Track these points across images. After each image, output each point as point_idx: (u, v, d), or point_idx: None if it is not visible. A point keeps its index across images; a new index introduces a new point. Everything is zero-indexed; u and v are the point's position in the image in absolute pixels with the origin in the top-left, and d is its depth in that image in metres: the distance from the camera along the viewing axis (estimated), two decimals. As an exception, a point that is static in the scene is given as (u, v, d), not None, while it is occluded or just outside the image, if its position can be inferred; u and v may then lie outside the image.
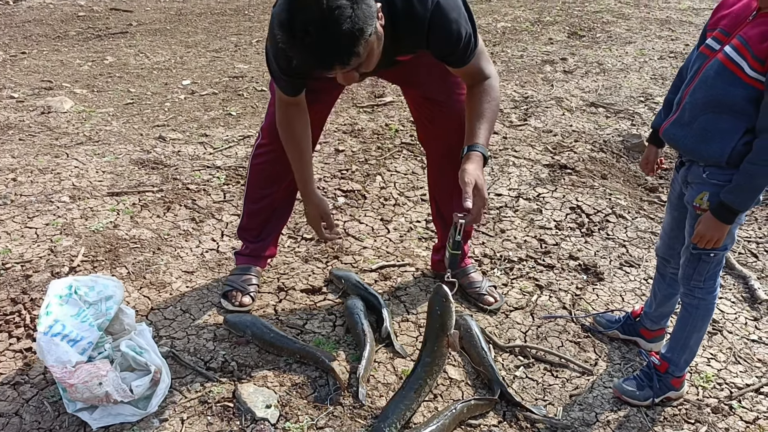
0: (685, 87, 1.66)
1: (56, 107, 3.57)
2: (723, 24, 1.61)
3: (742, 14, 1.58)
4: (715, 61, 1.57)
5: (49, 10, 5.71)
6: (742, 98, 1.54)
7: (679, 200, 1.75)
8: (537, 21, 5.67)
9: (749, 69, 1.50)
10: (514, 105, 3.90)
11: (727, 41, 1.56)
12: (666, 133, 1.71)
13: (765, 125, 1.51)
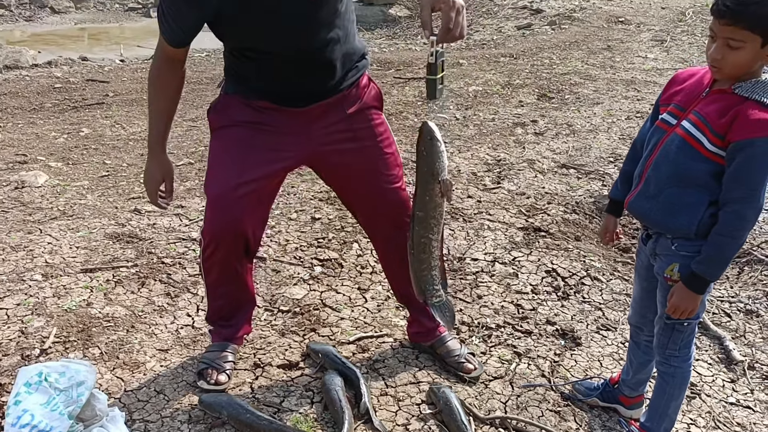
0: (646, 160, 1.71)
1: (30, 181, 3.56)
2: (677, 100, 1.67)
3: (695, 90, 1.65)
4: (674, 136, 1.62)
5: (25, 82, 5.75)
6: (704, 172, 1.59)
7: (648, 271, 1.78)
8: (507, 84, 5.82)
9: (709, 144, 1.56)
10: (487, 168, 3.97)
11: (683, 116, 1.62)
12: (631, 206, 1.75)
13: (728, 198, 1.56)
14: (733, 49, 1.52)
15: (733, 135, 1.52)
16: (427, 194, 1.63)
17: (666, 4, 9.45)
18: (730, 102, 1.56)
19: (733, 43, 1.52)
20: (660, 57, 6.69)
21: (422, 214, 1.65)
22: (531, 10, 9.43)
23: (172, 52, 1.84)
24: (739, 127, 1.52)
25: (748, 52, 1.52)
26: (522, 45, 7.56)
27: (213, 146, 1.95)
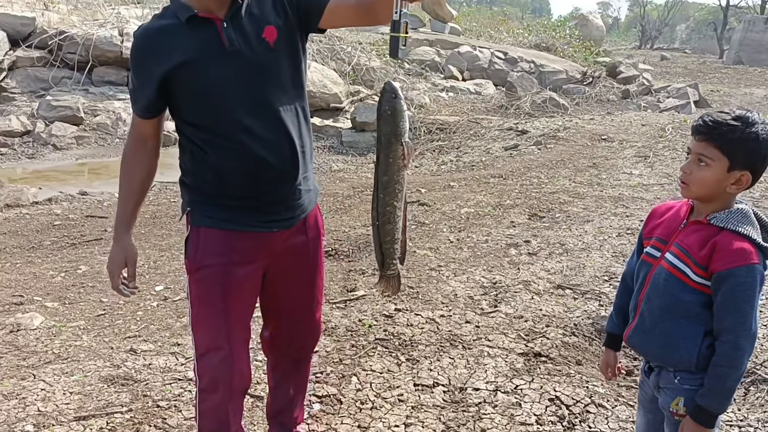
0: (638, 294, 1.75)
1: (26, 324, 3.54)
2: (657, 233, 1.74)
3: (674, 222, 1.72)
4: (660, 269, 1.67)
5: (25, 220, 5.85)
6: (694, 303, 1.62)
7: (653, 403, 1.76)
8: (498, 205, 5.95)
9: (694, 275, 1.61)
10: (483, 291, 3.98)
11: (666, 249, 1.67)
12: (630, 341, 1.77)
13: (721, 328, 1.59)
14: (701, 165, 1.62)
15: (715, 266, 1.59)
16: (391, 156, 1.65)
17: (646, 121, 9.84)
18: (707, 233, 1.63)
19: (703, 158, 1.61)
20: (645, 173, 6.88)
21: (386, 179, 1.67)
22: (517, 131, 9.79)
23: (141, 127, 1.97)
24: (719, 258, 1.58)
25: (715, 171, 1.60)
26: (510, 165, 7.80)
27: (193, 292, 2.01)
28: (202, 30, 1.83)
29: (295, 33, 1.94)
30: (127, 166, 2.01)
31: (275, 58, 1.89)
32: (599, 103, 13.35)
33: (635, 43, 40.61)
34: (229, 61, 1.83)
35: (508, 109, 12.05)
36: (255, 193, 1.93)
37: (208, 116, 1.88)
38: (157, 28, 1.87)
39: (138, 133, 1.99)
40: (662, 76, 20.35)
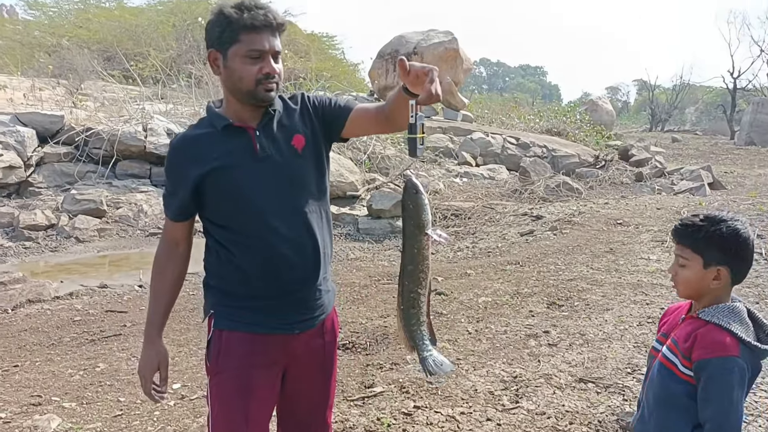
0: (643, 386, 1.88)
1: (43, 427, 3.52)
2: (664, 329, 1.87)
3: (676, 318, 1.92)
4: (657, 362, 1.84)
5: (46, 316, 5.90)
6: (682, 394, 1.79)
7: None
8: (516, 293, 5.92)
9: (682, 366, 1.79)
10: (504, 386, 3.92)
11: (665, 342, 1.87)
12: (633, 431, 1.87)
13: (704, 417, 1.70)
14: (681, 266, 1.81)
15: (694, 355, 1.72)
16: (416, 247, 1.77)
17: (661, 204, 9.88)
18: (695, 326, 1.78)
19: (681, 260, 1.81)
20: (662, 258, 6.85)
21: (412, 267, 1.78)
22: (532, 216, 9.85)
23: (173, 230, 2.07)
24: (698, 348, 1.72)
25: (694, 270, 1.78)
26: (526, 251, 7.80)
27: (213, 394, 2.04)
28: (237, 137, 1.98)
29: (320, 141, 2.09)
30: (159, 269, 2.10)
31: (303, 164, 2.03)
32: (613, 186, 13.44)
33: (645, 126, 41.19)
34: (260, 166, 1.97)
35: (522, 193, 12.18)
36: (279, 293, 2.00)
37: (237, 217, 1.98)
38: (194, 135, 2.03)
39: (170, 237, 2.10)
40: (674, 158, 20.53)
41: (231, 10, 1.90)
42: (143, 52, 18.75)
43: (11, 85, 15.85)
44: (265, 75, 1.91)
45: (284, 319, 2.03)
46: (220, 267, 2.05)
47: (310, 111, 2.09)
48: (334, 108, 2.10)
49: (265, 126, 1.99)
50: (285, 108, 2.07)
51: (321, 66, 21.69)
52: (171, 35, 21.29)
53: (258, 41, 1.90)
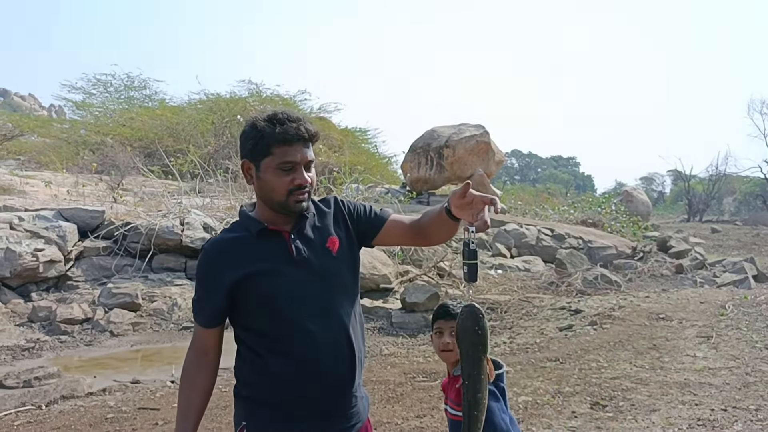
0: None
1: None
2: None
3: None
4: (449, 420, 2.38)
5: (79, 413, 5.85)
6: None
7: None
8: (557, 392, 5.71)
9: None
10: (548, 495, 3.71)
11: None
12: None
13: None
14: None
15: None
16: (482, 373, 1.84)
17: (704, 298, 9.60)
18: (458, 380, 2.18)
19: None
20: (709, 355, 6.59)
21: (480, 395, 1.84)
22: (570, 311, 9.64)
23: (204, 337, 2.02)
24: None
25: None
26: (566, 347, 7.58)
27: None
28: (272, 241, 1.98)
29: (354, 244, 2.10)
30: (188, 381, 2.04)
31: (338, 265, 2.03)
32: (653, 278, 13.17)
33: (683, 216, 40.73)
34: (296, 268, 1.96)
35: (559, 286, 11.98)
36: (313, 400, 1.94)
37: (272, 323, 1.95)
38: (229, 239, 2.02)
39: (200, 344, 2.05)
40: (715, 249, 20.15)
41: (264, 124, 1.93)
42: (183, 148, 19.44)
43: (56, 181, 16.50)
44: (297, 186, 1.93)
45: (320, 429, 1.96)
46: (253, 375, 2.00)
47: (345, 215, 2.10)
48: (370, 216, 2.12)
49: (300, 229, 2.00)
50: (317, 211, 2.08)
51: (354, 160, 22.16)
52: (210, 132, 22.11)
53: (290, 154, 1.92)
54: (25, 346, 9.19)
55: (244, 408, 2.02)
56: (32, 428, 5.48)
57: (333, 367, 1.95)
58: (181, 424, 2.02)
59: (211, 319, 2.01)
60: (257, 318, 1.97)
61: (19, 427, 5.58)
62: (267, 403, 1.96)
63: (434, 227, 1.99)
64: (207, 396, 2.06)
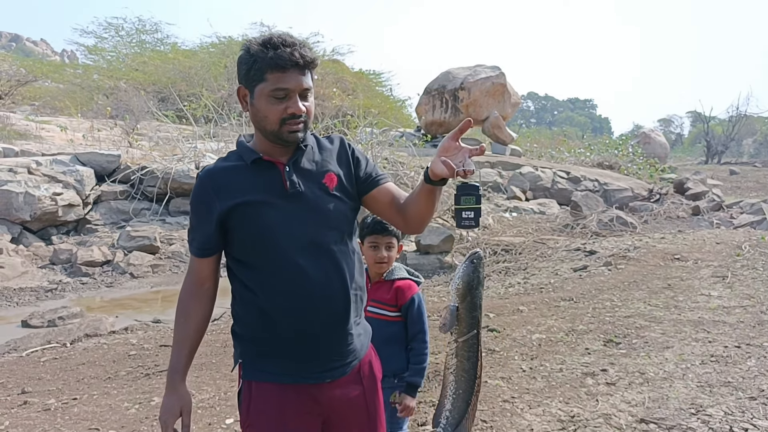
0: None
1: (100, 460, 3.56)
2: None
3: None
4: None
5: (102, 350, 6.01)
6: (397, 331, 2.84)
7: None
8: (571, 330, 5.77)
9: (391, 313, 2.86)
10: (561, 426, 3.79)
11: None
12: None
13: (413, 332, 2.83)
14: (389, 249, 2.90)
15: (400, 301, 2.89)
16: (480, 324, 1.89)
17: (720, 239, 9.57)
18: (388, 285, 2.91)
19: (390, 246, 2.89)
20: (724, 294, 6.61)
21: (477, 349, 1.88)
22: (585, 252, 9.66)
23: (198, 267, 1.98)
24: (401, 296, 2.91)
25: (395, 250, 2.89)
26: (580, 287, 7.63)
27: None
28: (266, 172, 1.91)
29: (353, 185, 2.02)
30: (183, 310, 1.99)
31: (333, 202, 1.94)
32: (668, 220, 13.11)
33: (701, 158, 40.22)
34: (288, 202, 1.88)
35: (573, 228, 11.97)
36: (305, 338, 1.90)
37: (262, 255, 1.88)
38: (222, 168, 1.95)
39: (195, 275, 2.00)
40: (732, 191, 19.96)
41: (258, 48, 1.83)
42: (196, 93, 19.35)
43: (71, 126, 16.55)
44: (291, 115, 1.84)
45: (313, 367, 1.93)
46: (244, 311, 1.95)
47: (349, 156, 2.03)
48: (368, 172, 2.04)
49: (296, 161, 1.93)
50: (319, 145, 2.02)
51: (368, 103, 21.99)
52: (222, 76, 21.95)
53: (284, 80, 1.82)
54: (48, 288, 9.41)
55: (240, 345, 1.98)
56: (58, 364, 5.65)
57: (322, 304, 1.89)
58: (176, 353, 1.99)
59: (203, 248, 1.95)
60: (246, 250, 1.91)
61: (45, 363, 5.76)
62: (257, 340, 1.93)
63: (413, 200, 1.90)
64: (202, 326, 2.02)
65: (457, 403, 1.87)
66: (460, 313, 1.88)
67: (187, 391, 1.98)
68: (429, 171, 1.81)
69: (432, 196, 1.87)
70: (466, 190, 1.78)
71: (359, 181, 2.02)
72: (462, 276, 1.90)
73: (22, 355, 6.14)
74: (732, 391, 4.12)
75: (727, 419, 3.71)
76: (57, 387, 5.04)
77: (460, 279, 1.90)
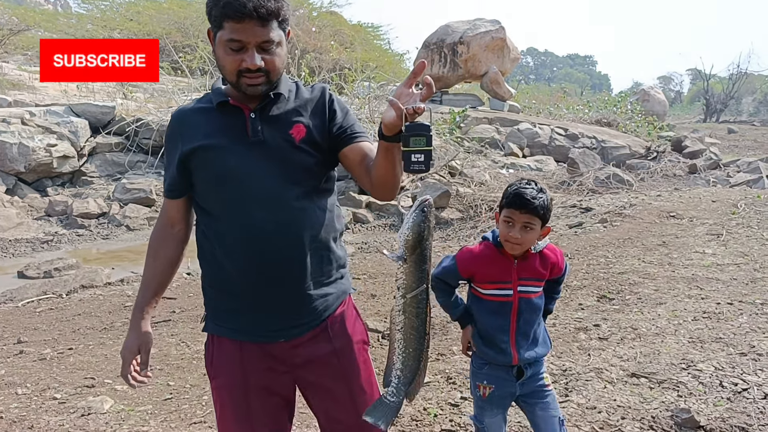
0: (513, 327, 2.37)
1: (96, 408, 3.60)
2: (495, 277, 2.36)
3: (501, 266, 2.36)
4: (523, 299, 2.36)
5: (98, 301, 6.04)
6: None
7: None
8: (565, 285, 5.79)
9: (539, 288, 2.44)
10: (553, 379, 3.83)
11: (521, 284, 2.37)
12: None
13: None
14: (528, 230, 2.29)
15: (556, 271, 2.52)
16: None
17: (716, 197, 9.57)
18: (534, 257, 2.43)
19: (529, 226, 2.28)
20: (718, 252, 6.63)
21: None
22: (581, 208, 9.67)
23: (169, 208, 1.95)
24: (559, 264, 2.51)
25: (537, 232, 2.31)
26: (575, 244, 7.65)
27: (215, 399, 1.95)
28: (230, 116, 1.82)
29: (325, 139, 1.89)
30: (152, 250, 1.97)
31: (298, 155, 1.83)
32: (665, 178, 13.10)
33: (699, 117, 40.02)
34: (249, 150, 1.80)
35: (570, 185, 11.97)
36: (257, 295, 1.83)
37: (217, 203, 1.83)
38: (191, 109, 1.90)
39: (166, 216, 1.96)
40: (730, 149, 19.92)
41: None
42: (191, 44, 19.02)
43: (66, 76, 16.25)
44: (246, 69, 1.73)
45: (266, 325, 1.86)
46: (203, 262, 1.89)
47: (326, 107, 1.89)
48: (344, 128, 1.89)
49: (263, 109, 1.82)
50: (297, 94, 1.90)
51: (366, 56, 21.66)
52: (219, 27, 21.50)
53: (238, 32, 1.69)
54: (43, 239, 9.41)
55: (204, 297, 1.94)
56: (54, 314, 5.68)
57: (275, 261, 1.80)
58: (141, 292, 1.95)
59: (170, 189, 1.91)
60: (205, 196, 1.85)
61: (41, 314, 5.79)
62: (215, 293, 1.89)
63: (375, 161, 1.77)
64: (170, 268, 1.97)
65: (408, 361, 1.74)
66: (408, 266, 1.70)
67: (149, 330, 1.95)
68: (381, 123, 1.65)
69: (390, 156, 1.69)
70: (415, 130, 1.58)
71: (332, 135, 1.88)
72: (412, 226, 1.69)
73: (18, 305, 6.17)
74: (723, 347, 4.16)
75: (717, 374, 3.75)
76: (53, 337, 5.08)
77: (409, 229, 1.69)
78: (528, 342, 2.38)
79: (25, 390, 3.98)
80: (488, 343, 2.39)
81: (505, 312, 2.34)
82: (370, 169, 1.81)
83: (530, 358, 2.38)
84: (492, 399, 2.41)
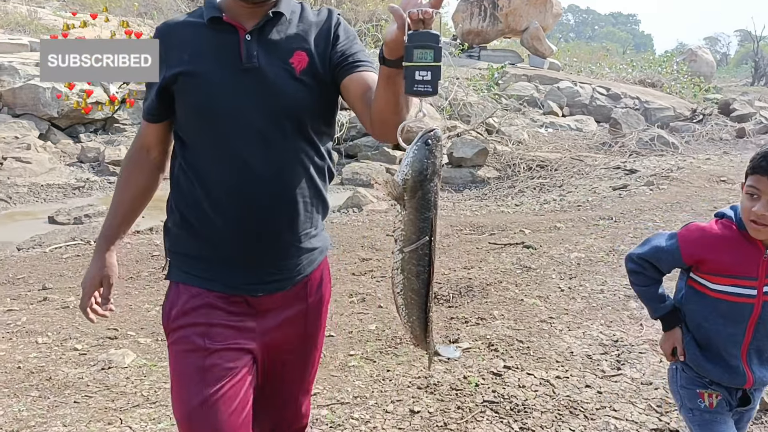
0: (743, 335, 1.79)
1: (117, 362, 3.43)
2: (735, 270, 1.77)
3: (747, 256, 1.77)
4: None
5: (126, 250, 5.88)
6: None
7: None
8: (612, 250, 5.48)
9: None
10: (603, 350, 3.57)
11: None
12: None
13: None
14: None
15: None
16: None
17: (771, 162, 9.06)
18: None
19: None
20: (776, 219, 6.22)
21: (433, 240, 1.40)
22: (625, 170, 9.24)
23: (145, 132, 1.71)
24: None
25: None
26: (620, 206, 7.27)
27: (170, 361, 1.64)
28: (223, 37, 1.57)
29: (327, 71, 1.63)
30: (124, 175, 1.75)
31: (296, 87, 1.58)
32: (711, 142, 12.52)
33: (747, 80, 38.49)
34: (241, 77, 1.55)
35: (612, 146, 11.47)
36: (239, 243, 1.60)
37: (201, 136, 1.59)
38: (178, 24, 1.64)
39: (141, 139, 1.73)
40: (781, 114, 19.02)
41: None
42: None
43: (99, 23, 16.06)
44: None
45: (247, 277, 1.62)
46: (179, 199, 1.64)
47: (331, 31, 1.63)
48: (347, 55, 1.62)
49: (261, 30, 1.57)
50: (301, 16, 1.64)
51: (403, 9, 21.02)
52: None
53: None
54: (75, 185, 9.32)
55: (168, 242, 1.70)
56: (80, 261, 5.54)
57: (263, 205, 1.58)
58: (108, 219, 1.77)
59: (149, 112, 1.67)
60: (187, 128, 1.62)
61: (68, 260, 5.66)
62: (190, 236, 1.64)
63: (375, 92, 1.48)
64: (141, 197, 1.77)
65: (416, 331, 1.46)
66: (407, 213, 1.38)
67: (113, 262, 1.79)
68: (383, 45, 1.38)
69: (391, 85, 1.40)
70: (420, 40, 1.28)
71: (332, 63, 1.62)
72: (412, 162, 1.36)
73: (46, 251, 6.05)
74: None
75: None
76: (77, 284, 4.92)
77: (408, 166, 1.36)
78: (761, 360, 1.84)
79: (46, 339, 3.83)
80: (712, 356, 1.86)
81: (741, 317, 1.79)
82: (369, 101, 1.54)
83: (766, 380, 1.86)
84: (722, 407, 1.88)
